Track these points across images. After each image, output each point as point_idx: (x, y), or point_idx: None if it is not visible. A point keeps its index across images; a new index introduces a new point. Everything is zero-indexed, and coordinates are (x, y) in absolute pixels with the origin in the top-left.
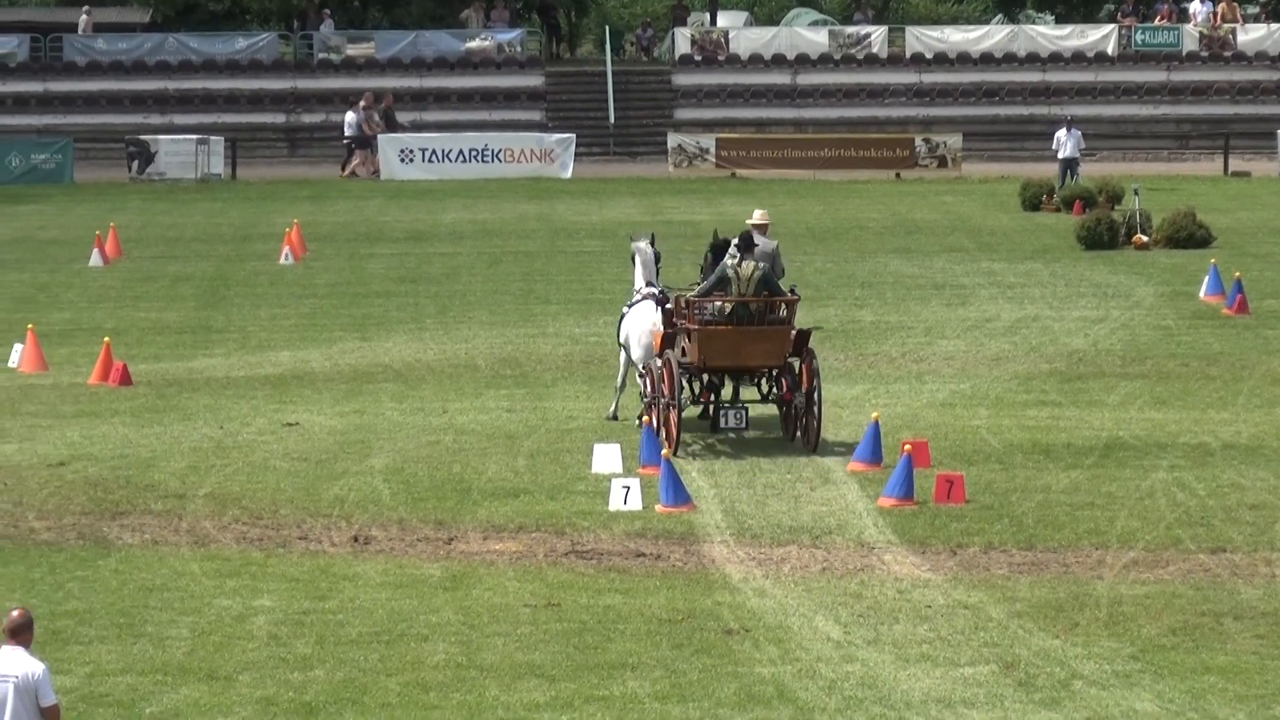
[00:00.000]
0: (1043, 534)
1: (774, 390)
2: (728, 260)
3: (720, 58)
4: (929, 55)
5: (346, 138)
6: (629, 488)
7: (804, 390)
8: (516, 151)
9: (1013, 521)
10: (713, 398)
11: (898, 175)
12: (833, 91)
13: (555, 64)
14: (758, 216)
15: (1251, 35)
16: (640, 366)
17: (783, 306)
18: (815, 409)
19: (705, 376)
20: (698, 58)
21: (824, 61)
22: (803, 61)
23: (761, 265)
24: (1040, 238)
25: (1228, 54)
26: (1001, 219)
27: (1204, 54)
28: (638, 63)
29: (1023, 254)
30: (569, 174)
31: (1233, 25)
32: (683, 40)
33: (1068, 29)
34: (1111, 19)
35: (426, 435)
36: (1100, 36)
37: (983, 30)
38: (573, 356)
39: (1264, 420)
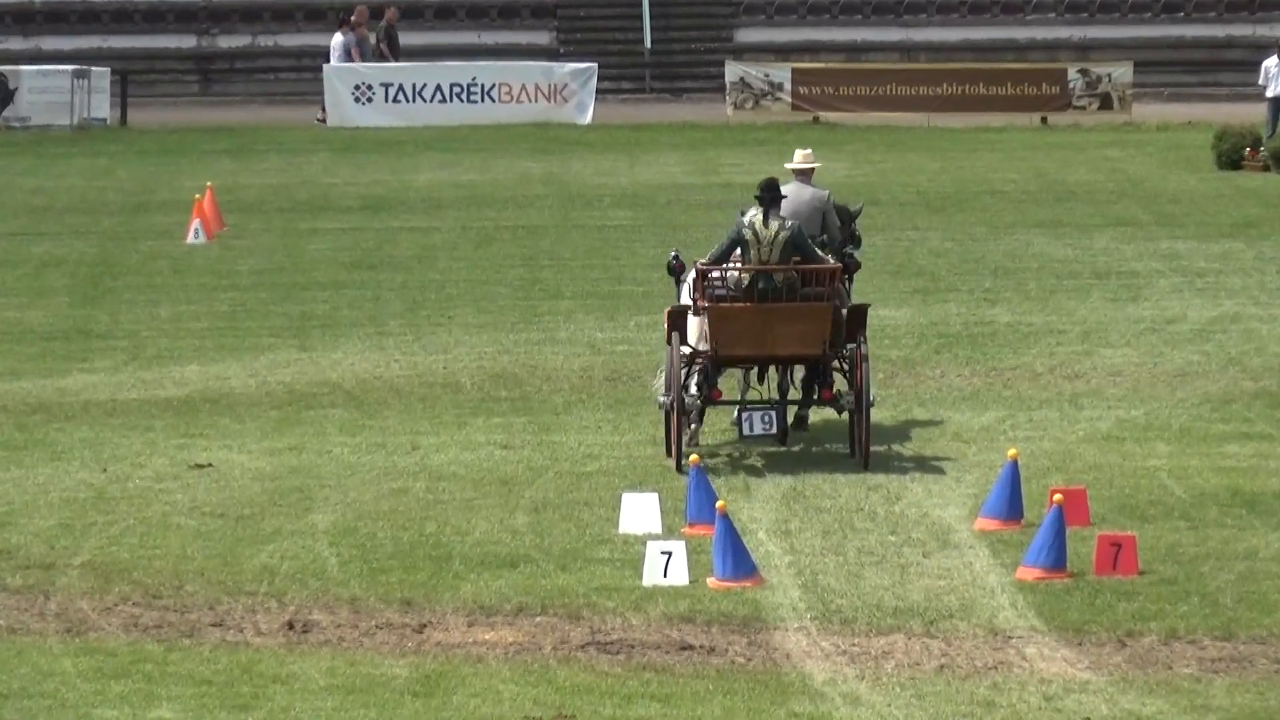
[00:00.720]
0: (1246, 617)
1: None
2: (744, 218)
3: None
4: None
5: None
6: (670, 554)
7: (855, 388)
8: (516, 88)
9: (1204, 600)
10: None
11: (1044, 120)
12: (955, 4)
13: None
14: (798, 159)
15: None
16: None
17: (822, 277)
18: (865, 413)
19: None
20: None
21: None
22: None
23: (790, 223)
24: (1242, 206)
25: None
26: (1188, 181)
27: None
28: None
29: (1218, 229)
30: (588, 118)
31: None
32: None
33: None
34: None
35: (390, 481)
36: None
37: None
38: (593, 372)
39: None
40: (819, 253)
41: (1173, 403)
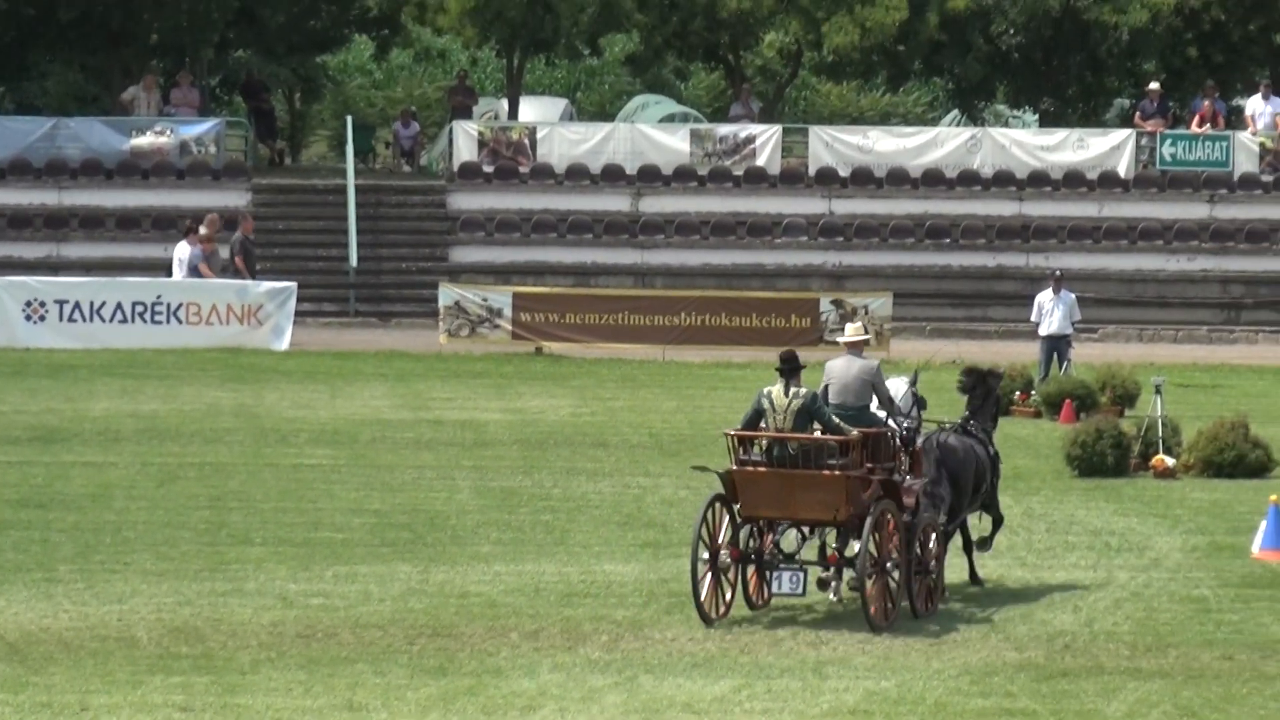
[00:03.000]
0: None
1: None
2: (764, 390)
3: (523, 169)
4: (844, 170)
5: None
6: None
7: (878, 558)
8: (206, 308)
9: None
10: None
11: None
12: (695, 224)
13: (269, 173)
14: (850, 332)
15: None
16: None
17: (839, 447)
18: (908, 574)
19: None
20: (488, 168)
21: (683, 177)
22: (650, 177)
23: (804, 392)
24: (1011, 456)
25: None
26: None
27: (1267, 178)
28: (395, 174)
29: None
30: (285, 344)
31: None
32: (465, 141)
33: (1058, 135)
34: (1125, 121)
35: None
36: (1109, 149)
37: (928, 135)
38: (284, 627)
39: None
40: (835, 420)
41: (928, 674)
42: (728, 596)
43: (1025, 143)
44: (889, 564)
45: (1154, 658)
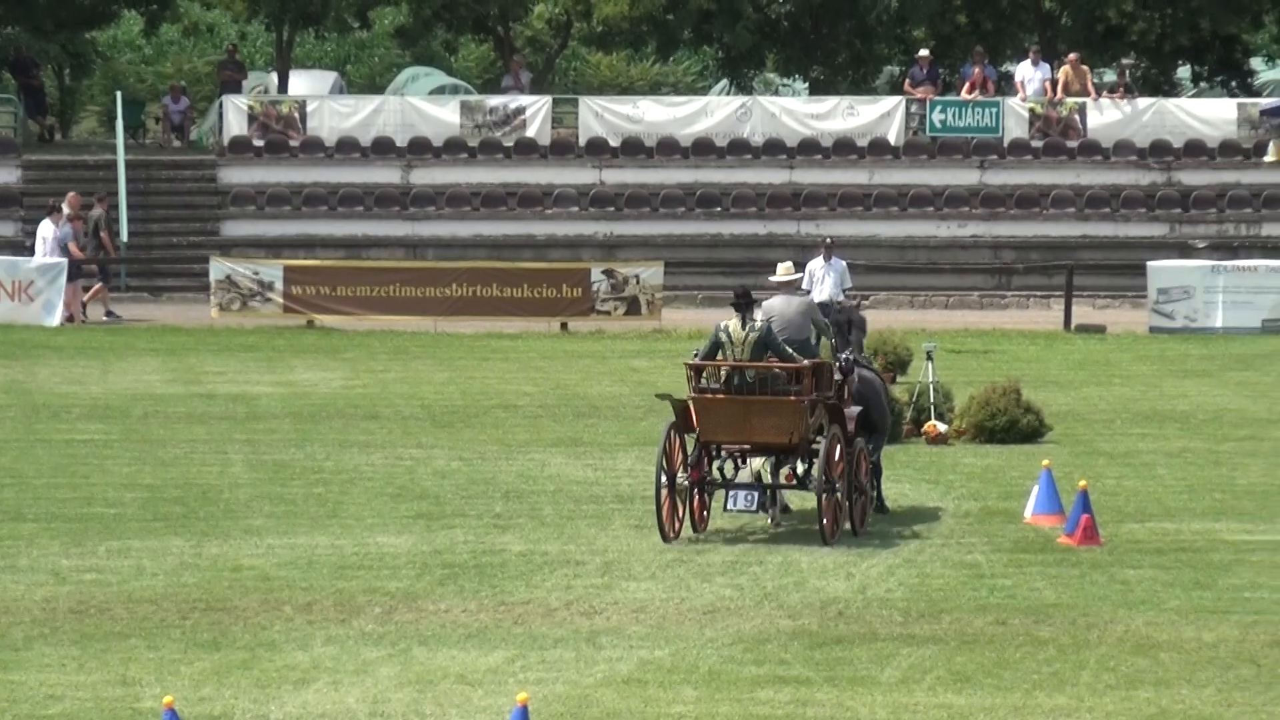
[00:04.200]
0: None
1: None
2: (721, 324)
3: (293, 143)
4: (614, 140)
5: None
6: None
7: (830, 476)
8: None
9: None
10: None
11: (565, 326)
12: (465, 196)
13: (39, 149)
14: (781, 272)
15: (1108, 117)
16: None
17: (793, 374)
18: (848, 493)
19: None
20: (258, 142)
21: (454, 149)
22: (420, 149)
23: (760, 325)
24: None
25: (1073, 144)
26: None
27: (1037, 143)
28: (166, 149)
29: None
30: (56, 320)
31: (1081, 100)
32: (235, 116)
33: (827, 103)
34: (896, 89)
35: None
36: (878, 116)
37: (697, 104)
38: (57, 603)
39: (1119, 708)
40: (789, 351)
41: (701, 642)
42: (681, 514)
43: (795, 111)
44: (836, 484)
45: (927, 623)
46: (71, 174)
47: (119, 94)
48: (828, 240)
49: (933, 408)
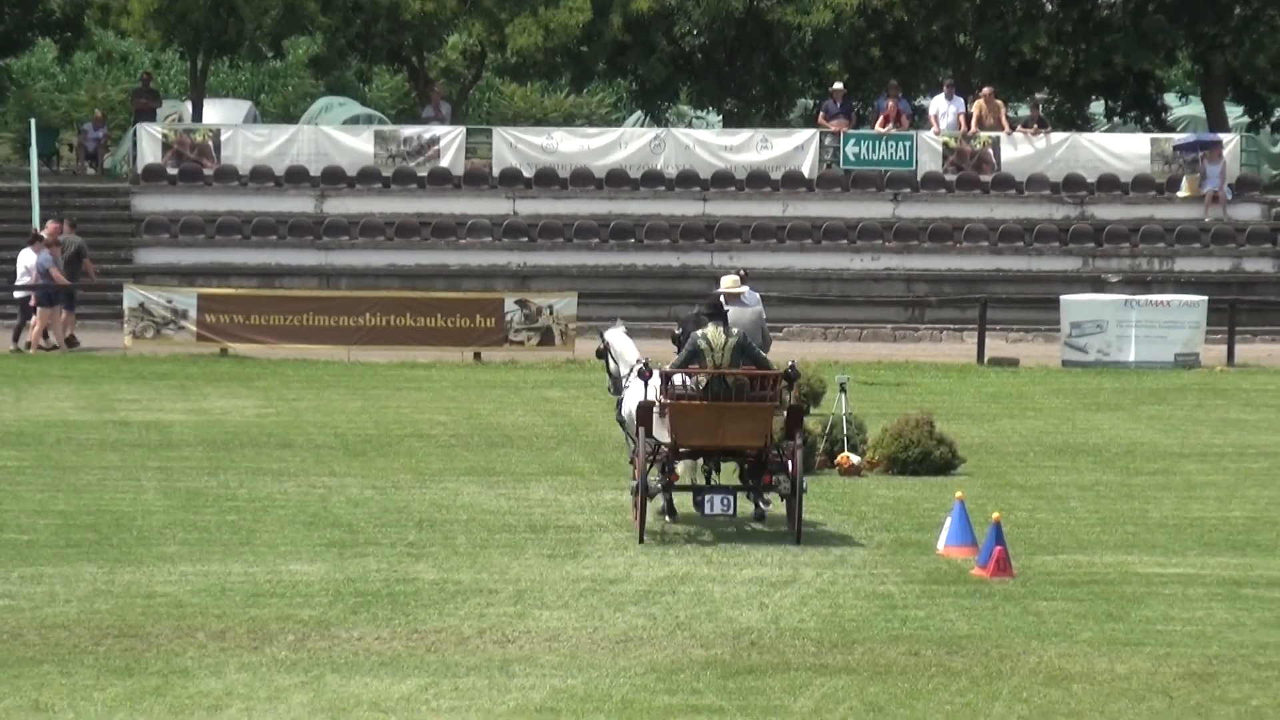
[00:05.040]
0: None
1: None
2: (697, 331)
3: (207, 171)
4: (528, 171)
5: (23, 289)
6: None
7: (791, 476)
8: None
9: None
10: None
11: (478, 356)
12: (379, 225)
13: None
14: (728, 284)
15: (1021, 151)
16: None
17: (767, 381)
18: (798, 498)
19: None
20: (172, 170)
21: (368, 179)
22: (334, 179)
23: (736, 332)
24: None
25: (987, 178)
26: None
27: (950, 177)
28: (80, 176)
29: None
30: None
31: (995, 134)
32: (150, 144)
33: (741, 135)
34: (810, 122)
35: None
36: (792, 149)
37: (611, 135)
38: None
39: None
40: (764, 357)
41: (614, 671)
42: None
43: (709, 143)
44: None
45: (840, 654)
46: None
47: (33, 121)
48: (742, 272)
49: (846, 439)
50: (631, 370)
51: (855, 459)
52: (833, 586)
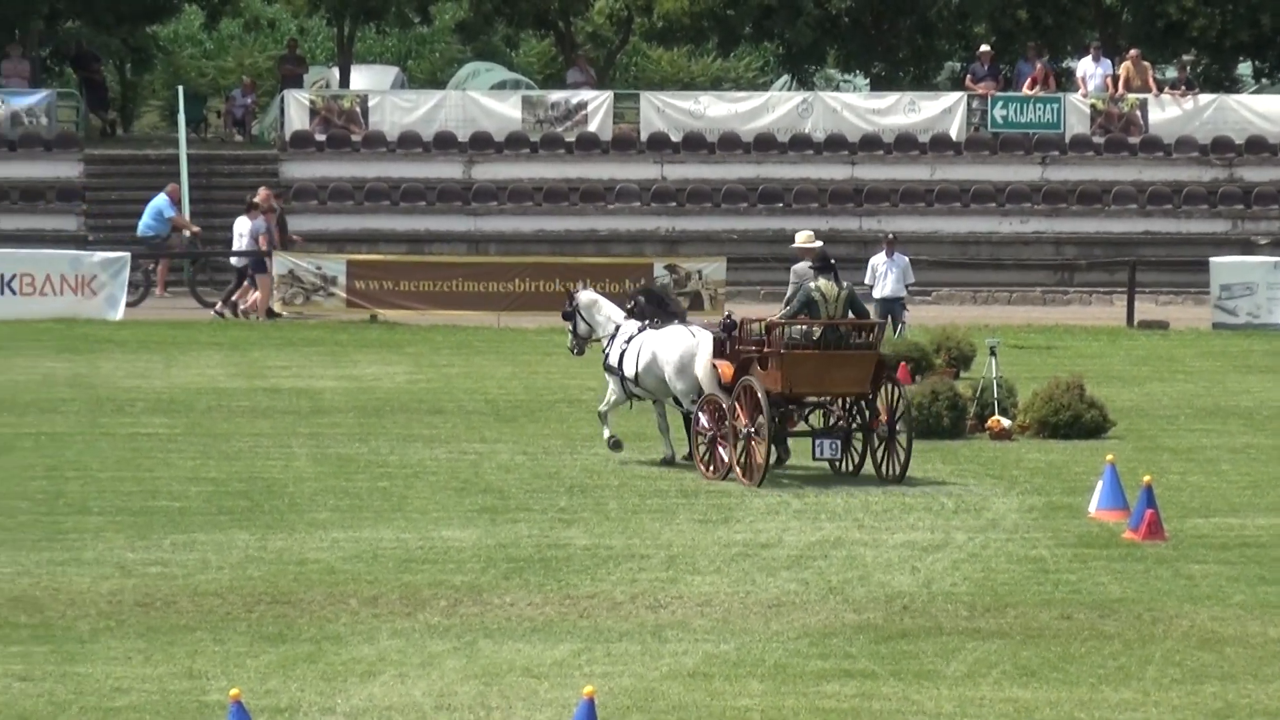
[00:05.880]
0: None
1: (856, 420)
2: (810, 283)
3: (355, 137)
4: (676, 136)
5: (241, 255)
6: None
7: (885, 420)
8: (40, 278)
9: None
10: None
11: None
12: (528, 191)
13: (101, 143)
14: (801, 239)
15: (1169, 113)
16: (684, 400)
17: (872, 330)
18: (906, 438)
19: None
20: (320, 136)
21: (516, 144)
22: (483, 144)
23: (846, 284)
24: None
25: (1134, 140)
26: None
27: (1098, 139)
28: (228, 143)
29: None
30: (120, 314)
31: (1142, 96)
32: (297, 110)
33: (889, 98)
34: (957, 85)
35: None
36: (939, 112)
37: (759, 99)
38: (123, 596)
39: (1185, 702)
40: (865, 308)
41: (767, 636)
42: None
43: (857, 106)
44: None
45: (992, 618)
46: (133, 169)
47: (180, 89)
48: (890, 236)
49: (996, 403)
50: (619, 326)
51: (1006, 423)
52: (984, 550)
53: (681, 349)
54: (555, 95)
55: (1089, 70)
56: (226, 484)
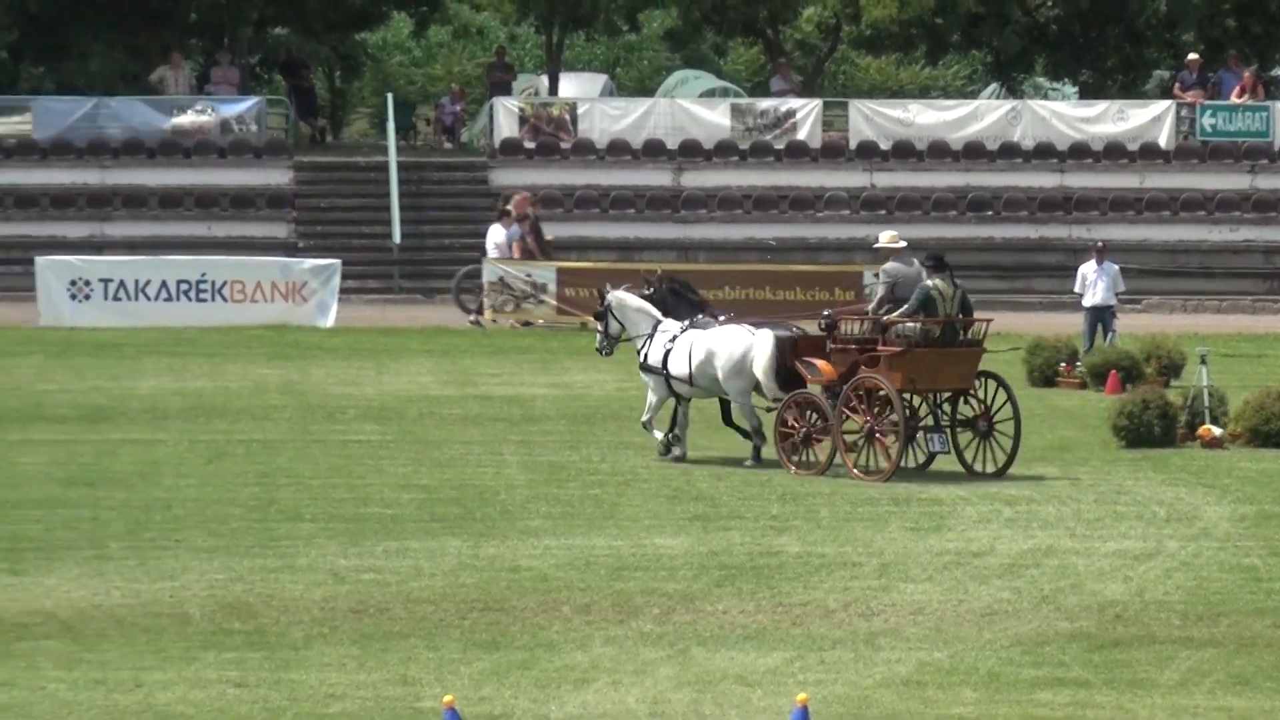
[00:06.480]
0: None
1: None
2: (926, 282)
3: (564, 145)
4: (885, 144)
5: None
6: None
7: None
8: (250, 286)
9: None
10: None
11: None
12: (737, 198)
13: (311, 150)
14: (885, 239)
15: None
16: (738, 399)
17: (981, 327)
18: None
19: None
20: (529, 144)
21: (724, 152)
22: (692, 152)
23: (959, 284)
24: (1056, 427)
25: None
26: None
27: None
28: (437, 151)
29: (1030, 453)
30: (330, 321)
31: None
32: (506, 118)
33: (1098, 107)
34: (1165, 93)
35: None
36: (1149, 120)
37: (968, 108)
38: (336, 602)
39: None
40: (971, 306)
41: (980, 644)
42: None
43: (1065, 115)
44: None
45: (1206, 626)
46: (343, 176)
47: (390, 96)
48: (1100, 244)
49: (1207, 411)
50: (658, 324)
51: (1217, 431)
52: (1196, 559)
53: (740, 348)
54: (764, 103)
55: None
56: (438, 491)
